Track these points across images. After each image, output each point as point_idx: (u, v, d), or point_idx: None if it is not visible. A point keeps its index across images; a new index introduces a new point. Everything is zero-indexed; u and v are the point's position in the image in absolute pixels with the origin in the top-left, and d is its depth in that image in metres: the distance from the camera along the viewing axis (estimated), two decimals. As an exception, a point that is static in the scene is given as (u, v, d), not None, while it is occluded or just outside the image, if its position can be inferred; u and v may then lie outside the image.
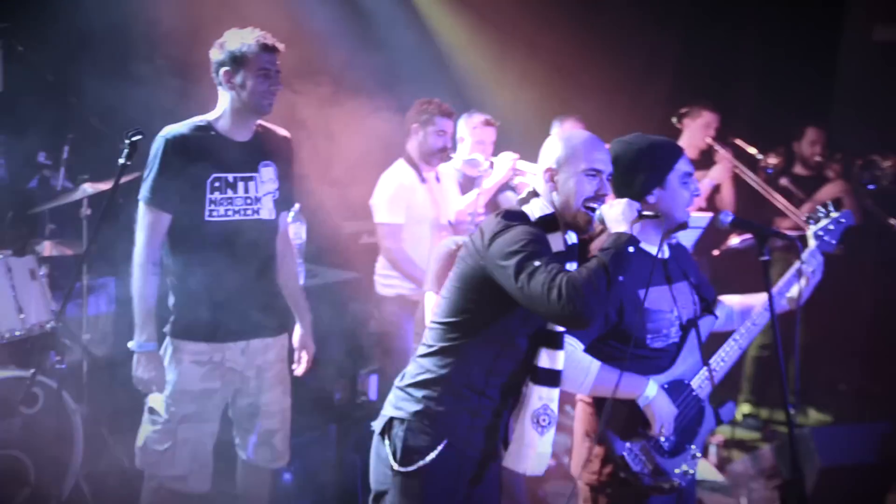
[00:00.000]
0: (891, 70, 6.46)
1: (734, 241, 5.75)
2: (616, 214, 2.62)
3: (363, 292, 5.16)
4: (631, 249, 2.54)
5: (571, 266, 2.65)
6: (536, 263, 2.47)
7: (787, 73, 6.66)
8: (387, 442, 2.72)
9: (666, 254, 2.99)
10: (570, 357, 2.76)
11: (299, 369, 3.73)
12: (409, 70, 6.10)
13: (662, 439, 2.87)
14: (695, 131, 5.77)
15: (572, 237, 2.74)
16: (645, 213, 2.72)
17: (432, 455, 2.64)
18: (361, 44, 5.94)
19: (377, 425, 2.78)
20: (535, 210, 2.70)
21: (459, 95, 5.92)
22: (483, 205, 4.78)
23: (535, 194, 2.76)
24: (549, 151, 2.76)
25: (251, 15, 3.81)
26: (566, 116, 5.44)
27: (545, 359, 2.70)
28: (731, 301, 3.24)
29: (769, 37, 7.05)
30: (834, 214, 3.24)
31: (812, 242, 3.20)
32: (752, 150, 6.00)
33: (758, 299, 3.20)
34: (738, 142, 6.00)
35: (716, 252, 5.81)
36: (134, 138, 3.31)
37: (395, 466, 2.67)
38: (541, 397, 2.71)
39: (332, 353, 5.03)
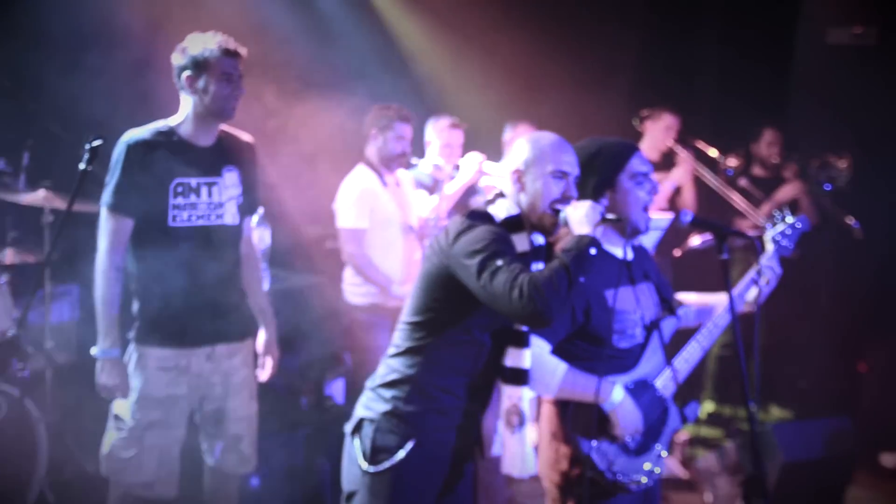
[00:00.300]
0: (844, 72, 6.58)
1: (695, 241, 5.81)
2: (580, 216, 2.65)
3: (328, 296, 5.15)
4: (593, 251, 2.57)
5: (537, 267, 2.68)
6: (499, 263, 2.50)
7: (744, 76, 6.76)
8: (357, 442, 2.73)
9: (629, 255, 3.03)
10: (538, 359, 2.78)
11: (264, 375, 3.72)
12: (370, 73, 6.12)
13: (629, 439, 2.91)
14: (656, 134, 5.84)
15: (539, 238, 2.77)
16: (608, 216, 2.76)
17: (401, 455, 2.66)
18: (320, 47, 5.94)
19: (348, 426, 2.79)
20: (500, 211, 2.73)
21: (420, 99, 5.94)
22: (447, 209, 4.81)
23: (501, 195, 2.79)
24: (516, 153, 2.79)
25: (213, 16, 3.81)
26: (518, 121, 5.49)
27: (511, 357, 2.72)
28: (688, 300, 3.29)
29: (726, 39, 7.16)
30: (790, 220, 3.31)
31: (770, 247, 3.26)
32: (712, 152, 6.08)
33: (715, 299, 3.26)
34: (699, 144, 6.08)
35: (677, 253, 5.87)
36: (94, 143, 3.29)
37: (364, 466, 2.68)
38: (509, 396, 2.74)
39: (297, 358, 5.02)
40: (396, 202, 4.73)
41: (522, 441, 2.77)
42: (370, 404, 2.75)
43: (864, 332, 6.27)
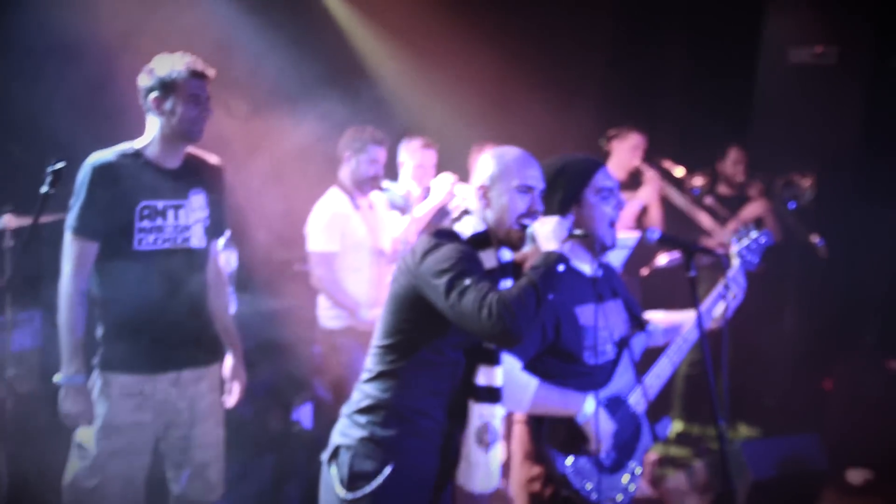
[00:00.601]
0: (805, 91, 6.68)
1: (662, 260, 5.84)
2: (547, 232, 2.65)
3: (296, 320, 5.11)
4: (561, 268, 2.56)
5: (507, 283, 2.67)
6: (467, 282, 2.49)
7: (709, 95, 6.85)
8: (333, 469, 2.69)
9: (598, 272, 3.04)
10: (509, 375, 2.77)
11: (230, 400, 3.67)
12: (338, 94, 6.10)
13: (603, 455, 2.91)
14: (622, 153, 5.86)
15: (507, 254, 2.76)
16: (576, 232, 2.77)
17: (379, 480, 2.62)
18: (287, 67, 5.91)
19: (325, 454, 2.75)
20: (466, 228, 2.72)
21: (390, 120, 5.93)
22: (416, 231, 4.80)
23: (467, 212, 2.79)
24: (481, 169, 2.78)
25: (178, 34, 3.77)
26: (484, 142, 5.51)
27: (483, 376, 2.70)
28: (655, 318, 3.31)
29: (691, 59, 7.25)
30: (754, 234, 3.36)
31: (735, 261, 3.30)
32: (679, 172, 6.13)
33: (682, 316, 3.29)
34: (666, 163, 6.12)
35: (644, 271, 5.90)
36: (57, 166, 3.24)
37: (342, 494, 2.64)
38: (481, 415, 2.71)
39: (265, 383, 4.96)
40: (367, 225, 4.71)
41: (491, 458, 2.74)
42: (346, 431, 2.71)
43: (829, 349, 6.33)
